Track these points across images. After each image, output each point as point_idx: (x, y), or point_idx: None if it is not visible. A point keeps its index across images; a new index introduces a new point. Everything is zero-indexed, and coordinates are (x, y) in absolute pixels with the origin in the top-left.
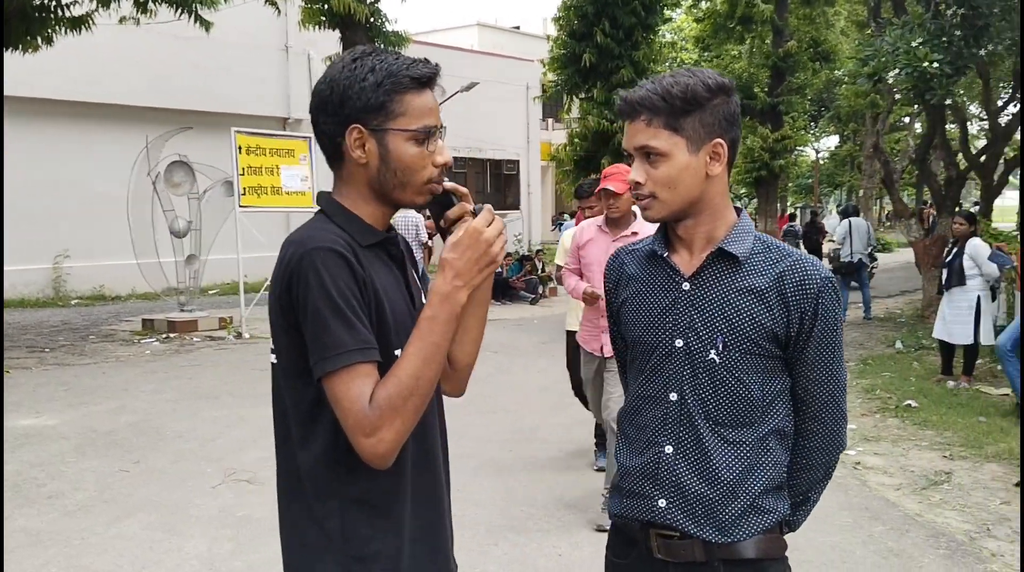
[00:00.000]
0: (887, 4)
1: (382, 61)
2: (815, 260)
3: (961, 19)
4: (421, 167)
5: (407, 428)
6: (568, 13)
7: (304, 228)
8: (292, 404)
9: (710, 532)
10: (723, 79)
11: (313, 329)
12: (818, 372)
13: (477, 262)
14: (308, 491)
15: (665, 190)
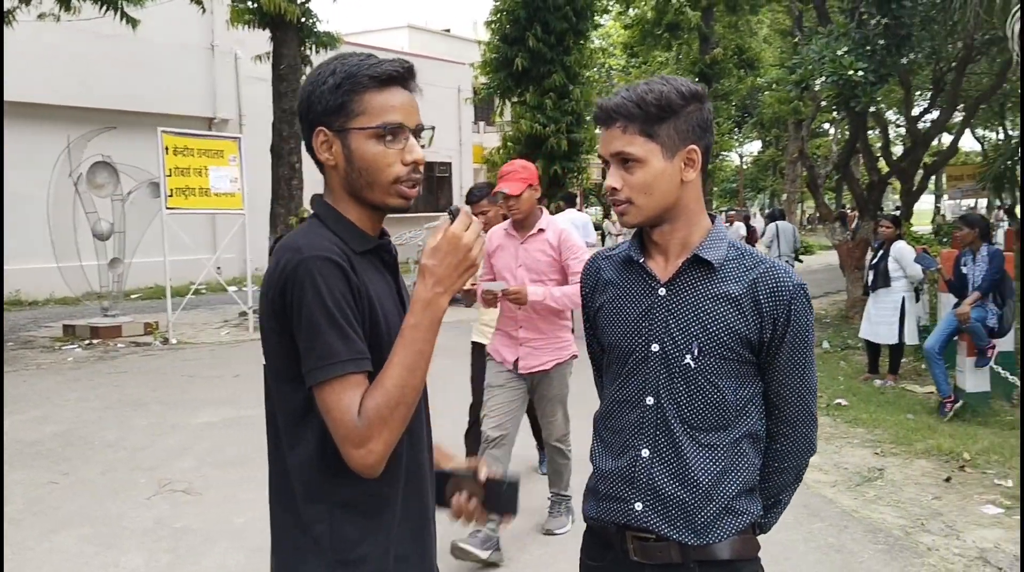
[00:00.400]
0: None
1: (344, 64)
2: (787, 267)
3: (884, 28)
4: (385, 165)
5: (395, 438)
6: (500, 17)
7: (299, 234)
8: (281, 407)
9: (686, 534)
10: (696, 87)
11: (307, 337)
12: (790, 377)
13: (457, 267)
14: (297, 494)
15: (641, 195)
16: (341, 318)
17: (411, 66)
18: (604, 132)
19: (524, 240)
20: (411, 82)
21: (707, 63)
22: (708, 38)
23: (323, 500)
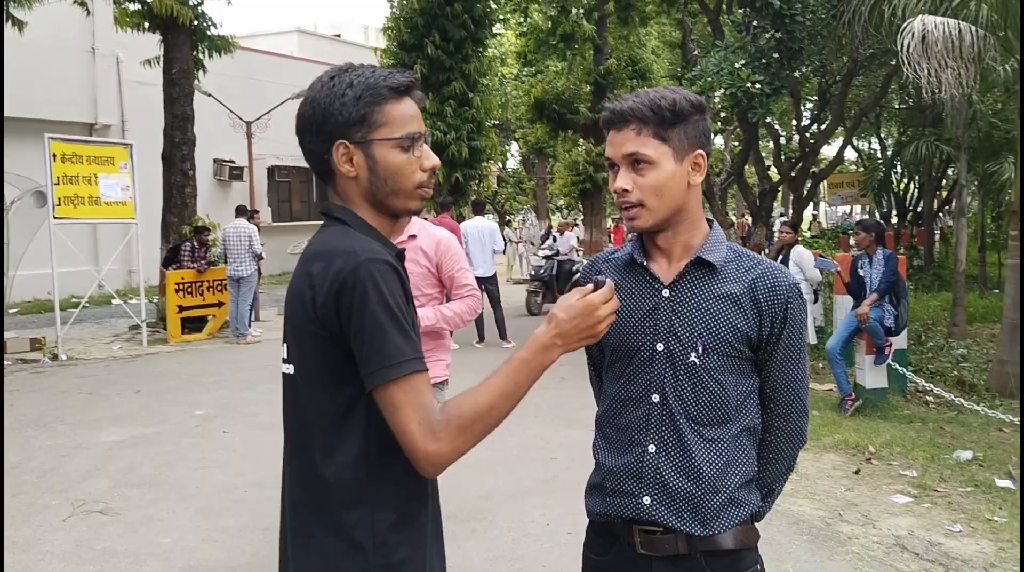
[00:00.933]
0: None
1: (359, 75)
2: (783, 268)
3: (777, 43)
4: (410, 172)
5: (465, 449)
6: (398, 24)
7: (335, 239)
8: (319, 411)
9: (693, 526)
10: (699, 98)
11: (372, 338)
12: (786, 372)
13: (581, 332)
14: (334, 500)
15: (653, 197)
16: (403, 318)
17: (419, 76)
18: (615, 134)
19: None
20: (417, 91)
21: (601, 73)
22: (602, 49)
23: (365, 504)
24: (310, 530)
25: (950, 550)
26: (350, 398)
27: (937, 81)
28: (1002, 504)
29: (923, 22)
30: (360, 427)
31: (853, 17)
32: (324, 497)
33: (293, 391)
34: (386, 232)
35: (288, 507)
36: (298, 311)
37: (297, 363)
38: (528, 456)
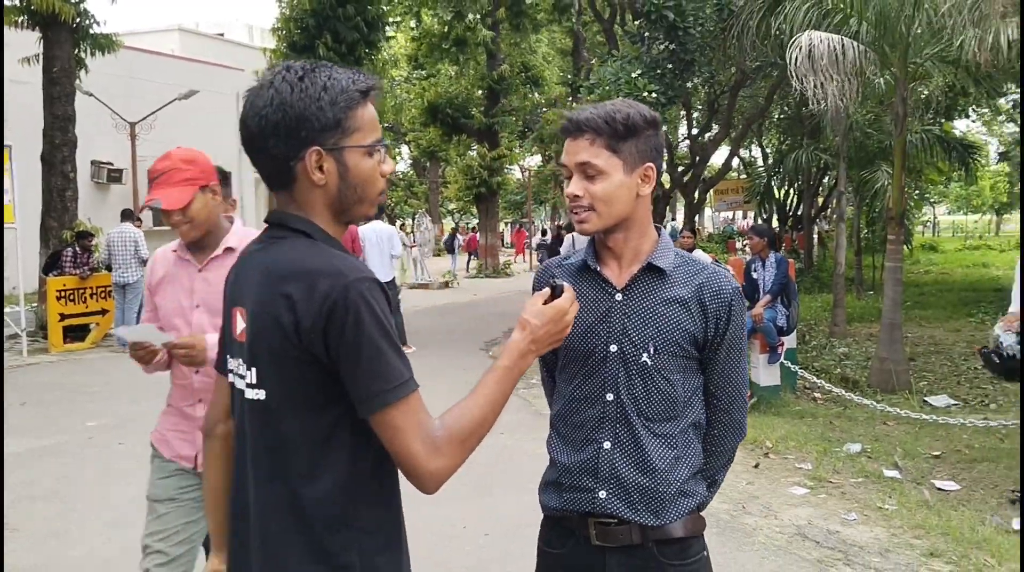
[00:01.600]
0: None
1: (329, 77)
2: (726, 272)
3: (670, 54)
4: (376, 179)
5: (463, 462)
6: (288, 25)
7: (308, 256)
8: (298, 436)
9: (647, 517)
10: (655, 114)
11: (370, 364)
12: (728, 369)
13: (551, 336)
14: (318, 525)
15: (602, 204)
16: (395, 338)
17: (379, 79)
18: (571, 143)
19: (203, 266)
20: (375, 93)
21: (495, 78)
22: (495, 54)
23: (351, 528)
24: (292, 557)
25: (847, 537)
26: (333, 421)
27: (823, 93)
28: (891, 493)
29: (810, 37)
30: (344, 450)
31: (742, 31)
32: (306, 523)
33: (264, 417)
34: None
35: (259, 535)
36: (273, 336)
37: (271, 388)
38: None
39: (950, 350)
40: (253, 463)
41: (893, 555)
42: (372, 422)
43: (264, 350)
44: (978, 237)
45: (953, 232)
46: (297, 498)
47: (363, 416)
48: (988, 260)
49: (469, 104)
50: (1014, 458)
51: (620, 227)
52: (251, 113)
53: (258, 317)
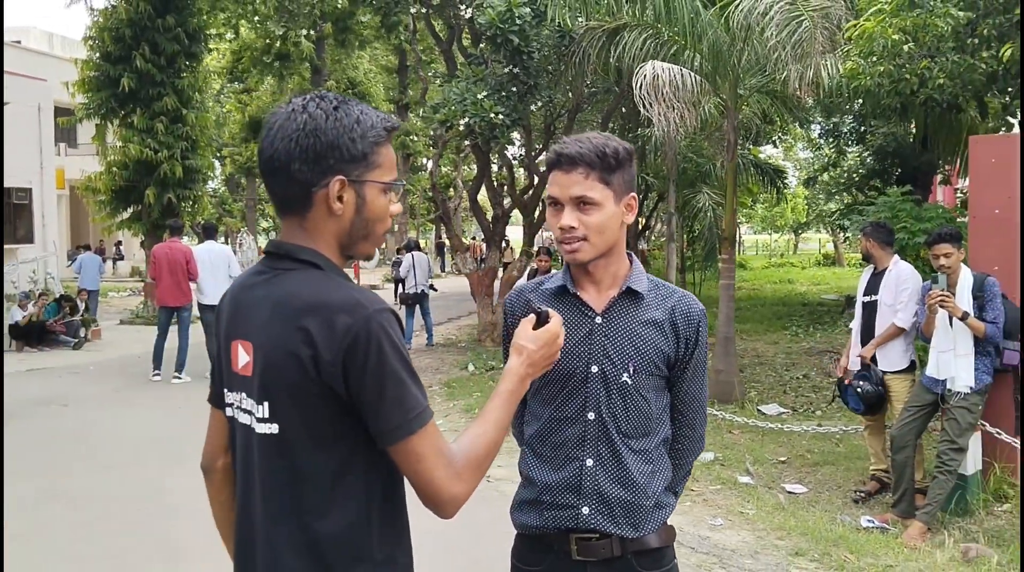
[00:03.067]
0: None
1: (362, 111)
2: (693, 296)
3: (513, 77)
4: (387, 218)
5: (476, 486)
6: (102, 35)
7: (324, 289)
8: (313, 471)
9: (627, 529)
10: (630, 146)
11: (394, 394)
12: (694, 386)
13: (546, 359)
14: (332, 559)
15: (597, 235)
16: (412, 368)
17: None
18: (562, 175)
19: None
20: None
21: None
22: (320, 69)
23: (367, 560)
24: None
25: (718, 542)
26: (346, 456)
27: (665, 120)
28: (748, 498)
29: (654, 67)
30: (359, 484)
31: (583, 57)
32: (322, 558)
33: (278, 451)
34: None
35: (267, 570)
36: (289, 369)
37: (286, 423)
38: None
39: (772, 361)
40: (264, 499)
41: (763, 556)
42: (393, 452)
43: (278, 384)
44: (780, 255)
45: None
46: (311, 533)
47: (384, 446)
48: (792, 277)
49: None
50: (852, 461)
51: (605, 254)
52: (280, 135)
53: (271, 351)
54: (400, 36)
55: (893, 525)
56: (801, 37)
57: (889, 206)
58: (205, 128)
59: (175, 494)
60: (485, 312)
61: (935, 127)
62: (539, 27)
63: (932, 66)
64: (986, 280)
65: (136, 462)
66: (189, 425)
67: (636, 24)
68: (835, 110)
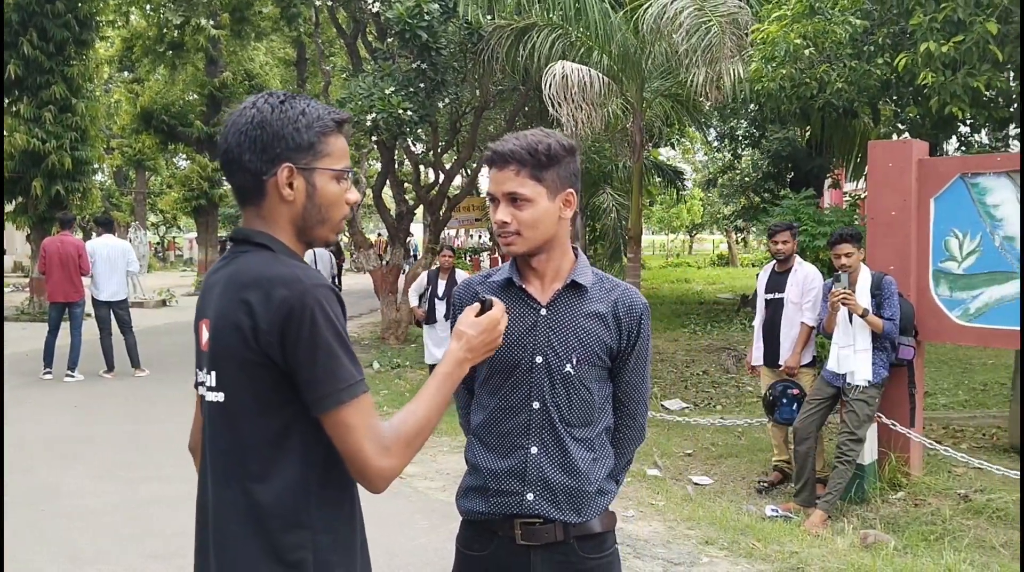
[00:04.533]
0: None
1: (308, 105)
2: (636, 290)
3: (421, 73)
4: (341, 205)
5: (408, 462)
6: None
7: (268, 265)
8: (254, 438)
9: (570, 515)
10: (571, 142)
11: (326, 365)
12: (636, 378)
13: (485, 345)
14: (272, 525)
15: (529, 229)
16: (348, 343)
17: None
18: (496, 173)
19: None
20: (348, 127)
21: (216, 86)
22: (216, 60)
23: (304, 526)
24: (244, 558)
25: (631, 533)
26: (286, 423)
27: (574, 120)
28: (658, 490)
29: (563, 67)
30: (297, 451)
31: (491, 55)
32: (261, 523)
33: (223, 419)
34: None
35: (217, 537)
36: (233, 340)
37: (229, 391)
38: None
39: (673, 358)
40: (212, 465)
41: (674, 545)
42: (324, 421)
43: (223, 354)
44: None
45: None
46: (252, 498)
47: (316, 414)
48: (689, 276)
49: (188, 111)
50: (754, 453)
51: (544, 249)
52: (232, 130)
53: (219, 324)
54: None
55: (796, 514)
56: (711, 42)
57: (792, 209)
58: (96, 118)
59: (71, 496)
60: (389, 310)
61: (830, 131)
62: (447, 23)
63: (831, 71)
64: (884, 279)
65: (30, 464)
66: (85, 425)
67: (545, 24)
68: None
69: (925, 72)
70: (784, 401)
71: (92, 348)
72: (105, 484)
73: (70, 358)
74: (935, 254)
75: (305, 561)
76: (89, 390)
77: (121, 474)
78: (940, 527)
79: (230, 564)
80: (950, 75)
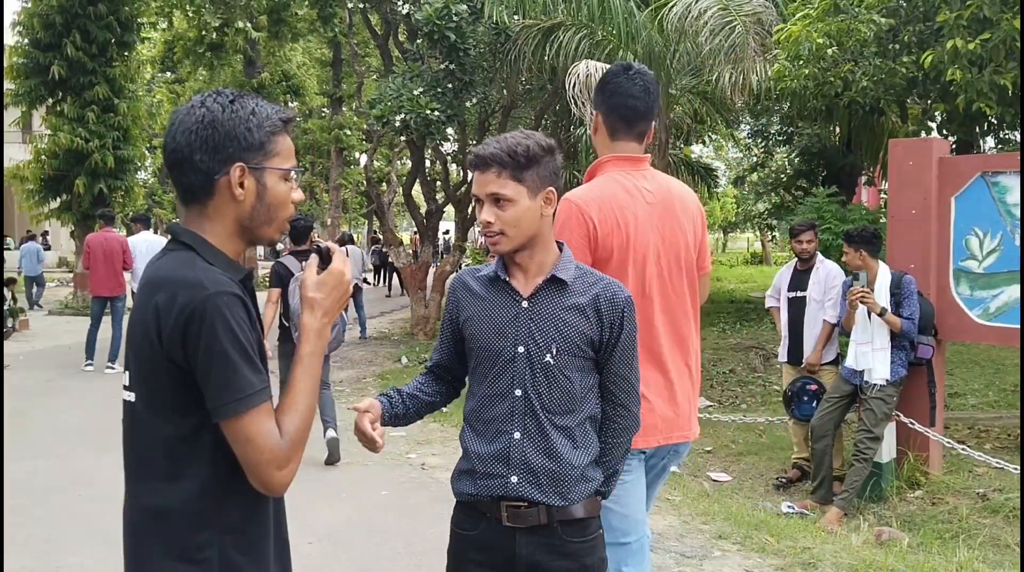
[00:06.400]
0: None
1: (256, 104)
2: (619, 283)
3: (450, 74)
4: (288, 204)
5: (299, 460)
6: (32, 21)
7: (180, 267)
8: (161, 439)
9: (554, 498)
10: (550, 141)
11: (220, 372)
12: (623, 368)
13: (339, 301)
14: (179, 525)
15: (512, 228)
16: (251, 350)
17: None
18: (479, 175)
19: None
20: (291, 126)
21: (254, 87)
22: (254, 62)
23: (210, 527)
24: (152, 554)
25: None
26: (194, 426)
27: None
28: (675, 486)
29: (587, 66)
30: (205, 454)
31: (518, 55)
32: (168, 522)
33: (134, 419)
34: (238, 256)
35: (128, 532)
36: (142, 340)
37: (139, 391)
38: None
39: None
40: (125, 464)
41: (688, 539)
42: (223, 428)
43: (135, 355)
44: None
45: None
46: (159, 498)
47: (214, 421)
48: (721, 275)
49: None
50: (774, 451)
51: (527, 245)
52: (181, 129)
53: (133, 323)
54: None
55: (812, 511)
56: (735, 42)
57: (816, 207)
58: (137, 118)
59: (106, 483)
60: (418, 306)
61: (858, 130)
62: (475, 24)
63: (855, 70)
64: (903, 278)
65: (68, 451)
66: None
67: (571, 23)
68: (763, 112)
69: (952, 69)
70: (804, 397)
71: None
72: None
73: (111, 350)
74: (956, 253)
75: (210, 560)
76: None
77: None
78: (956, 525)
79: (137, 558)
80: (976, 72)
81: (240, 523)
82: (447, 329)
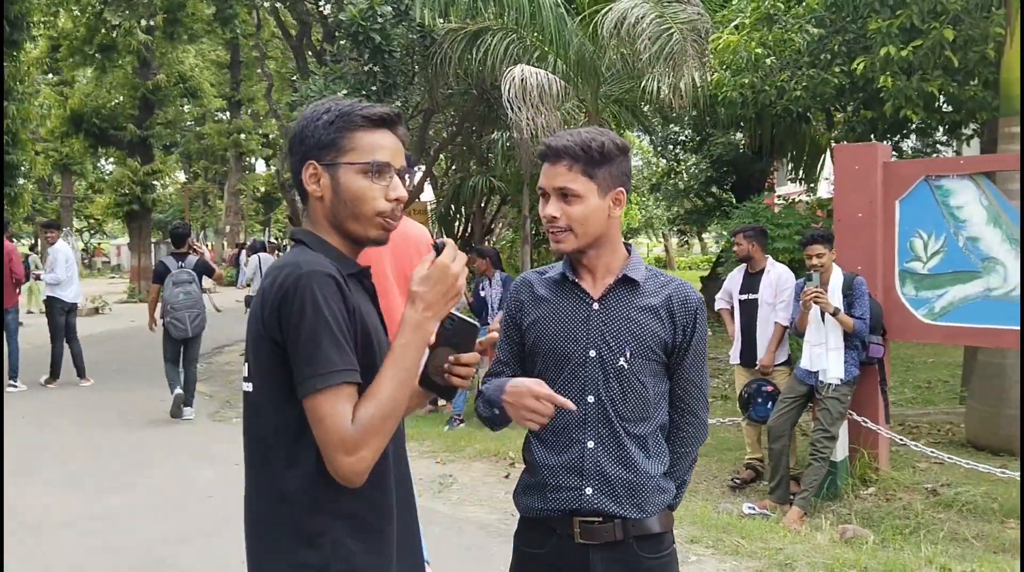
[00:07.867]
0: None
1: (338, 104)
2: (691, 285)
3: (373, 76)
4: (371, 198)
5: (382, 447)
6: None
7: (286, 257)
8: (278, 426)
9: (631, 510)
10: (625, 142)
11: (305, 348)
12: (694, 373)
13: (445, 295)
14: (297, 511)
15: (579, 225)
16: (337, 330)
17: (400, 112)
18: (548, 167)
19: None
20: (399, 127)
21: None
22: (150, 63)
23: (326, 512)
24: (276, 544)
25: None
26: (302, 413)
27: (533, 124)
28: None
29: (523, 70)
30: (313, 441)
31: (443, 58)
32: (287, 509)
33: (252, 408)
34: (350, 254)
35: (247, 515)
36: (254, 326)
37: (255, 380)
38: (186, 499)
39: None
40: (246, 452)
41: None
42: (304, 407)
43: (251, 344)
44: None
45: None
46: (276, 484)
47: (300, 398)
48: None
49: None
50: (723, 452)
51: (593, 245)
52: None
53: (249, 315)
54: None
55: (772, 511)
56: (673, 49)
57: (752, 212)
58: (27, 120)
59: (37, 511)
60: None
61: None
62: (400, 26)
63: (790, 79)
64: (855, 279)
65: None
66: (37, 436)
67: (499, 28)
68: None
69: (884, 77)
70: (759, 399)
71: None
72: (68, 496)
73: (9, 366)
74: (901, 254)
75: (323, 546)
76: (35, 400)
77: (82, 485)
78: (913, 521)
79: (258, 542)
80: (905, 80)
81: (356, 510)
82: (511, 332)
